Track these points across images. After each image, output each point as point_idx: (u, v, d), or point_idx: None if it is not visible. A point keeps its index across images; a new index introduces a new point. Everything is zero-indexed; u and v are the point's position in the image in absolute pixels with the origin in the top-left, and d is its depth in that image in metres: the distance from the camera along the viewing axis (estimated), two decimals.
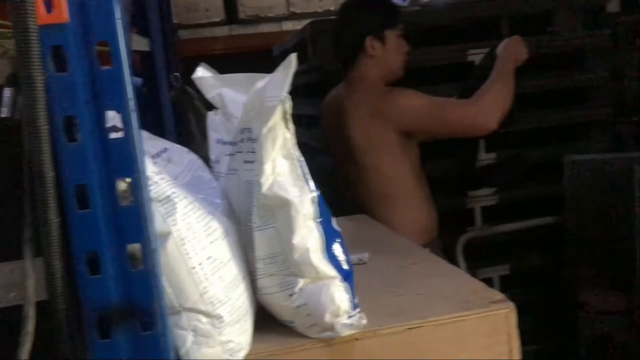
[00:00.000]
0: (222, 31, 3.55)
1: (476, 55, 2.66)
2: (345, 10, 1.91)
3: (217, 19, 3.34)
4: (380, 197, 1.87)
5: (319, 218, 0.86)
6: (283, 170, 0.82)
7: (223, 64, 1.26)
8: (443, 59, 2.64)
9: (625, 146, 2.81)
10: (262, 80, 0.85)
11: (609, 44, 2.76)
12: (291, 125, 0.80)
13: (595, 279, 2.22)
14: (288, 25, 3.58)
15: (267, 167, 0.81)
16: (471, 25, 2.75)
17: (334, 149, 1.98)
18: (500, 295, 0.97)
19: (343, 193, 2.03)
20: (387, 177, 1.87)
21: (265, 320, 0.91)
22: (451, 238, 2.56)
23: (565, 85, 2.77)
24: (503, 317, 0.94)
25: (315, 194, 0.85)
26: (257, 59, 2.38)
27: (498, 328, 0.94)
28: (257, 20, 3.51)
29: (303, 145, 2.82)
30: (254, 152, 0.84)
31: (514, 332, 0.94)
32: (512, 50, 1.95)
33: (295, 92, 2.96)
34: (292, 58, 0.78)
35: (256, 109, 0.83)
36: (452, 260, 2.45)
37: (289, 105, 0.79)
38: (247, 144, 0.86)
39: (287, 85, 0.78)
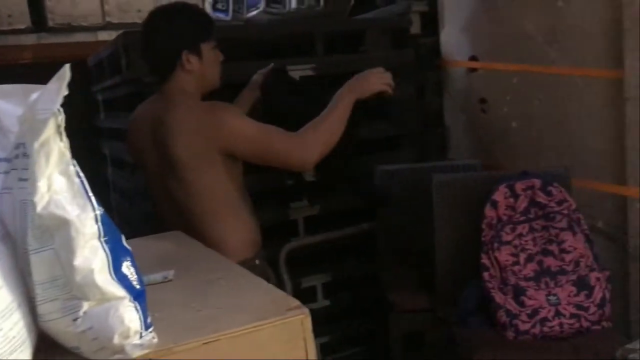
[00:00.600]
0: (30, 39, 3.28)
1: (294, 71, 2.76)
2: (156, 23, 1.86)
3: (22, 26, 3.08)
4: (203, 213, 1.84)
5: (104, 237, 0.82)
6: (60, 187, 0.77)
7: (33, 74, 1.16)
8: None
9: (430, 155, 3.09)
10: (37, 92, 0.80)
11: (413, 63, 3.02)
12: (65, 139, 0.76)
13: (404, 280, 2.38)
14: (104, 36, 3.42)
15: (42, 185, 0.76)
16: (289, 42, 2.84)
17: (150, 164, 1.91)
18: (296, 302, 1.00)
19: (162, 209, 1.97)
20: (211, 193, 1.84)
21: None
22: (276, 250, 2.61)
23: (376, 101, 2.98)
24: (299, 323, 0.97)
25: (98, 212, 0.81)
26: (71, 69, 2.23)
27: (294, 334, 0.97)
28: (70, 29, 3.30)
29: (122, 161, 2.66)
30: (28, 169, 0.78)
31: (309, 336, 0.98)
32: (356, 83, 1.93)
33: (114, 104, 2.81)
34: (66, 69, 0.74)
35: (29, 122, 0.78)
36: (277, 271, 2.50)
37: (61, 118, 0.75)
38: (22, 160, 0.80)
39: (60, 97, 0.74)
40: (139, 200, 2.75)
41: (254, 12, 3.53)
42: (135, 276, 0.88)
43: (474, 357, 1.76)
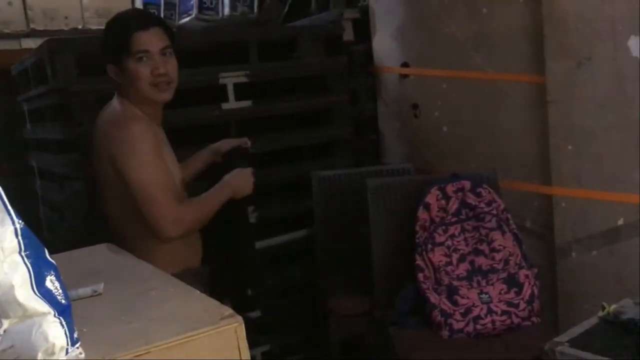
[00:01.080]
0: None
1: (228, 78, 2.75)
2: None
3: None
4: (137, 225, 1.77)
5: (25, 251, 0.79)
6: None
7: None
8: (196, 81, 2.67)
9: (365, 161, 3.13)
10: None
11: (346, 70, 3.06)
12: None
13: (342, 285, 2.40)
14: (30, 43, 3.30)
15: None
16: (222, 49, 2.83)
17: (99, 173, 1.82)
18: (229, 311, 0.99)
19: (107, 220, 1.90)
20: (124, 212, 1.77)
21: None
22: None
23: (311, 108, 3.00)
24: (232, 332, 0.96)
25: (19, 225, 0.78)
26: None
27: (229, 343, 0.96)
28: None
29: (51, 173, 2.54)
30: None
31: (243, 345, 0.97)
32: (236, 183, 1.85)
33: (41, 114, 2.70)
34: None
35: None
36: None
37: None
38: None
39: None
40: (69, 213, 2.66)
41: (186, 19, 3.50)
42: (60, 291, 0.85)
43: (411, 358, 1.79)
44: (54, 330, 0.81)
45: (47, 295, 0.82)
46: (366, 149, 3.17)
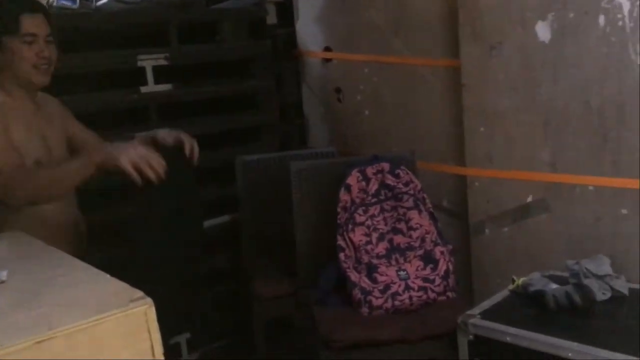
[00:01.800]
0: None
1: (146, 61, 2.68)
2: None
3: None
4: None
5: None
6: None
7: None
8: (113, 63, 2.60)
9: (291, 146, 3.14)
10: None
11: (270, 54, 3.05)
12: None
13: (268, 268, 2.41)
14: None
15: None
16: (142, 31, 2.75)
17: None
18: (139, 293, 0.98)
19: None
20: None
21: None
22: None
23: (235, 92, 2.98)
24: (142, 314, 0.95)
25: None
26: None
27: (138, 326, 0.95)
28: None
29: None
30: None
31: (154, 327, 0.96)
32: (113, 153, 1.60)
33: None
34: None
35: None
36: None
37: None
38: None
39: None
40: None
41: (104, 0, 3.37)
42: None
43: (332, 336, 1.83)
44: None
45: None
46: (292, 133, 3.18)
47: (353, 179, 2.14)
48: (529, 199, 2.11)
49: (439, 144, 2.44)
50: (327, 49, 2.91)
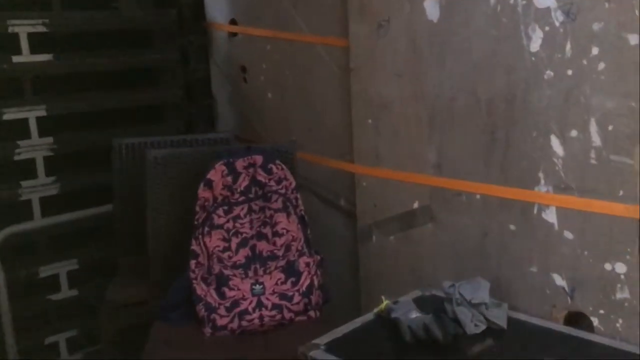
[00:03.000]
0: None
1: (20, 27, 2.37)
2: None
3: None
4: None
5: None
6: None
7: None
8: None
9: (197, 129, 2.84)
10: None
11: (175, 25, 2.73)
12: None
13: (133, 270, 2.13)
14: None
15: None
16: None
17: None
18: None
19: None
20: None
21: None
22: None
23: (133, 66, 2.67)
24: None
25: None
26: None
27: None
28: None
29: None
30: None
31: None
32: None
33: None
34: None
35: None
36: None
37: None
38: None
39: None
40: None
41: None
42: None
43: (146, 357, 1.55)
44: None
45: None
46: (199, 116, 2.88)
47: (217, 173, 1.84)
48: (415, 205, 1.81)
49: (335, 134, 2.14)
50: (233, 21, 2.59)
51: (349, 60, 1.92)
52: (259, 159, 1.87)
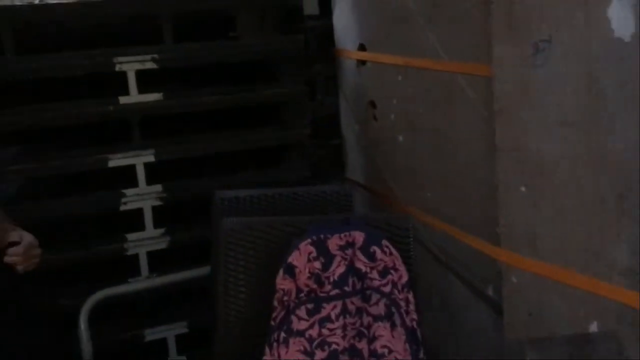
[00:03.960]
0: None
1: (127, 64, 2.13)
2: None
3: None
4: None
5: None
6: None
7: None
8: (82, 67, 2.08)
9: (323, 173, 2.40)
10: None
11: (303, 53, 2.32)
12: None
13: None
14: None
15: None
16: (121, 25, 2.22)
17: None
18: None
19: None
20: None
21: None
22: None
23: (253, 101, 2.31)
24: None
25: None
26: None
27: None
28: None
29: None
30: None
31: None
32: None
33: None
34: None
35: None
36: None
37: None
38: None
39: None
40: None
41: None
42: None
43: None
44: None
45: None
46: (325, 158, 2.43)
47: (301, 256, 1.36)
48: (593, 327, 1.15)
49: (479, 198, 1.54)
50: (362, 47, 2.12)
51: (493, 98, 1.32)
52: (359, 236, 1.35)
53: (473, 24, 1.47)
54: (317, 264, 1.35)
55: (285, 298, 1.35)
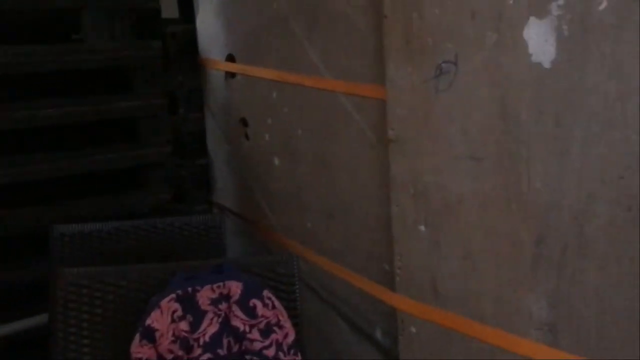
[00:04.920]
0: None
1: None
2: None
3: None
4: None
5: None
6: None
7: None
8: None
9: (187, 196, 2.14)
10: None
11: (160, 61, 2.04)
12: None
13: None
14: None
15: None
16: None
17: None
18: None
19: None
20: None
21: None
22: None
23: (103, 116, 1.99)
24: None
25: None
26: None
27: None
28: None
29: None
30: None
31: None
32: None
33: None
34: None
35: None
36: None
37: None
38: None
39: None
40: None
41: None
42: None
43: None
44: None
45: None
46: (191, 179, 2.17)
47: (163, 316, 1.11)
48: None
49: (370, 232, 1.38)
50: (230, 57, 1.89)
51: (387, 124, 1.16)
52: (235, 287, 1.13)
53: (362, 39, 1.31)
54: (184, 325, 1.10)
55: None
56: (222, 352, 1.11)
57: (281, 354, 1.08)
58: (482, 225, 1.01)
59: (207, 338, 1.11)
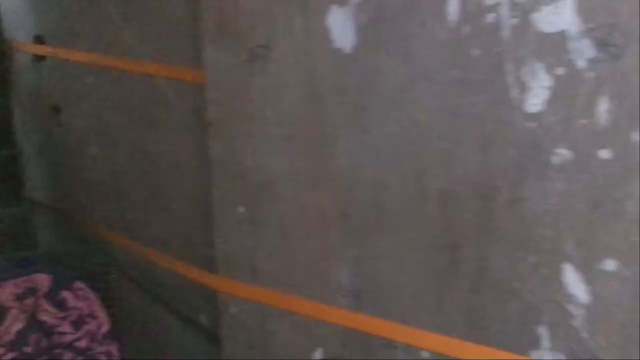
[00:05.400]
0: None
1: None
2: None
3: None
4: None
5: None
6: None
7: None
8: None
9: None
10: None
11: None
12: None
13: None
14: None
15: None
16: None
17: None
18: None
19: None
20: None
21: None
22: None
23: None
24: None
25: None
26: None
27: None
28: None
29: None
30: None
31: None
32: None
33: None
34: None
35: None
36: None
37: None
38: None
39: None
40: None
41: None
42: None
43: None
44: None
45: None
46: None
47: None
48: (317, 355, 1.08)
49: (189, 219, 1.37)
50: (39, 39, 1.76)
51: (206, 107, 1.17)
52: (43, 280, 1.06)
53: (178, 23, 1.29)
54: None
55: None
56: (28, 349, 1.04)
57: (95, 345, 1.04)
58: (296, 203, 1.06)
59: (12, 336, 1.04)
